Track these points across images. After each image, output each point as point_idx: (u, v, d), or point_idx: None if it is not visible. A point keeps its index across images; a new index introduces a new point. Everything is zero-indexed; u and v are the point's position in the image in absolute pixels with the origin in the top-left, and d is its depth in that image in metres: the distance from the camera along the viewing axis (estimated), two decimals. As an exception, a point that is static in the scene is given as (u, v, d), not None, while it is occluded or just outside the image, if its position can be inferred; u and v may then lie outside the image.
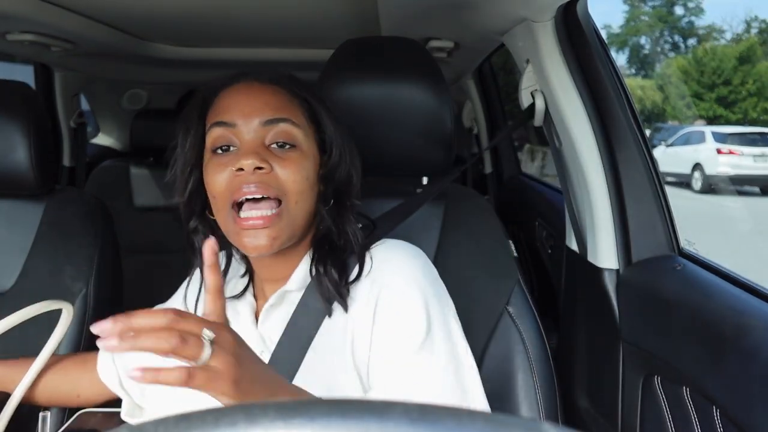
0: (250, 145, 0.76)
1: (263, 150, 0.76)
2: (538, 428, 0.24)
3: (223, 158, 0.77)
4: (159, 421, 0.25)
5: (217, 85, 0.83)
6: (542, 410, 1.04)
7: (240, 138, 0.77)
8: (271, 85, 0.81)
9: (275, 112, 0.78)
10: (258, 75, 0.82)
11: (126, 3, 1.60)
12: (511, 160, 2.78)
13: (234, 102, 0.78)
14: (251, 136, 0.76)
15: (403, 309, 0.77)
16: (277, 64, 2.42)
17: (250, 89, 0.80)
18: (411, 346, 0.75)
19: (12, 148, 1.21)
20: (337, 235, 0.82)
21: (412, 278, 0.79)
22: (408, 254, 0.83)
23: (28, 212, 1.29)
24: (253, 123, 0.77)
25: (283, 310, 0.82)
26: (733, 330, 0.84)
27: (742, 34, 24.75)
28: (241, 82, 0.81)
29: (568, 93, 1.17)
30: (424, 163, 1.10)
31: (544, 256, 1.97)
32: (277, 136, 0.77)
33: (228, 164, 0.76)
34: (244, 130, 0.77)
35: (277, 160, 0.76)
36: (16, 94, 1.25)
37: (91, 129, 3.21)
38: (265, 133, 0.77)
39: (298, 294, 0.82)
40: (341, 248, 0.82)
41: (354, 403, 0.25)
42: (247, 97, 0.79)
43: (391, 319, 0.77)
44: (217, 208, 0.78)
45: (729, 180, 9.76)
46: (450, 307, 0.83)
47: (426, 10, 1.46)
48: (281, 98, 0.80)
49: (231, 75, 0.83)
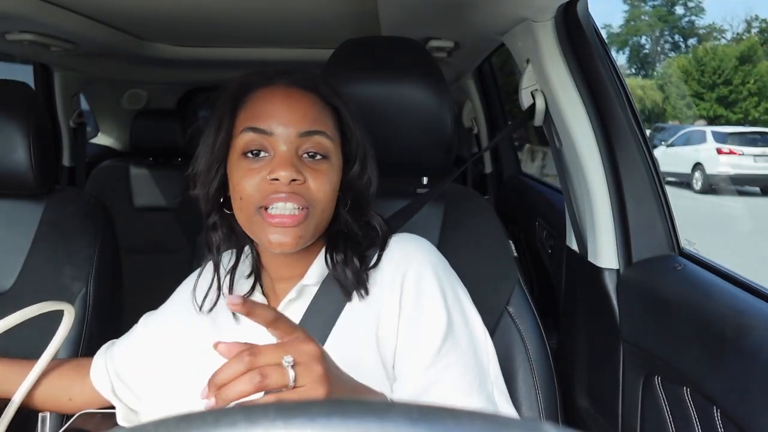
0: (285, 156, 0.76)
1: (298, 161, 0.77)
2: (538, 428, 0.24)
3: (255, 163, 0.77)
4: (159, 421, 0.25)
5: (251, 82, 0.82)
6: (542, 410, 1.04)
7: (274, 146, 0.77)
8: (308, 92, 0.80)
9: (312, 123, 0.78)
10: (294, 78, 0.81)
11: (126, 3, 1.60)
12: (512, 160, 2.78)
13: (271, 108, 0.78)
14: (287, 146, 0.77)
15: (427, 302, 0.80)
16: (277, 64, 2.41)
17: (289, 96, 0.79)
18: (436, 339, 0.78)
19: (12, 148, 1.21)
20: (358, 230, 0.85)
21: (432, 269, 0.82)
22: (425, 245, 0.86)
23: (28, 212, 1.29)
24: (290, 133, 0.77)
25: (299, 304, 0.84)
26: (734, 330, 0.84)
27: (743, 34, 24.76)
28: (277, 84, 0.80)
29: (568, 93, 1.17)
30: (424, 163, 1.10)
31: (544, 256, 1.97)
32: (311, 147, 0.78)
33: (261, 171, 0.76)
34: (281, 139, 0.77)
35: (309, 171, 0.77)
36: (15, 94, 1.25)
37: (91, 129, 3.21)
38: (300, 143, 0.77)
39: (314, 288, 0.84)
40: (359, 241, 0.84)
41: (354, 403, 0.25)
42: (286, 106, 0.78)
43: (416, 311, 0.80)
44: (240, 206, 0.79)
45: (729, 180, 9.76)
46: (463, 289, 0.86)
47: (426, 9, 1.46)
48: (317, 108, 0.80)
49: (266, 73, 0.82)
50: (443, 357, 0.78)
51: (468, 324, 0.83)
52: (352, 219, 0.85)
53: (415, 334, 0.79)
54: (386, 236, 0.85)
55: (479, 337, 0.84)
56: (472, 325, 0.83)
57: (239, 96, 0.81)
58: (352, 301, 0.82)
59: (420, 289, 0.80)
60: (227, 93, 0.82)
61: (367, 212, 0.86)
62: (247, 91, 0.81)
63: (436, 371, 0.78)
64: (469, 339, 0.82)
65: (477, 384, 0.79)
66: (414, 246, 0.85)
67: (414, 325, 0.79)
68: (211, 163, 0.81)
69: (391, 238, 0.86)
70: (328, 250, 0.85)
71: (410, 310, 0.80)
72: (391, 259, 0.83)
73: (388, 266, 0.83)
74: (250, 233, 0.81)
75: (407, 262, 0.82)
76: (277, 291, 0.87)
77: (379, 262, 0.83)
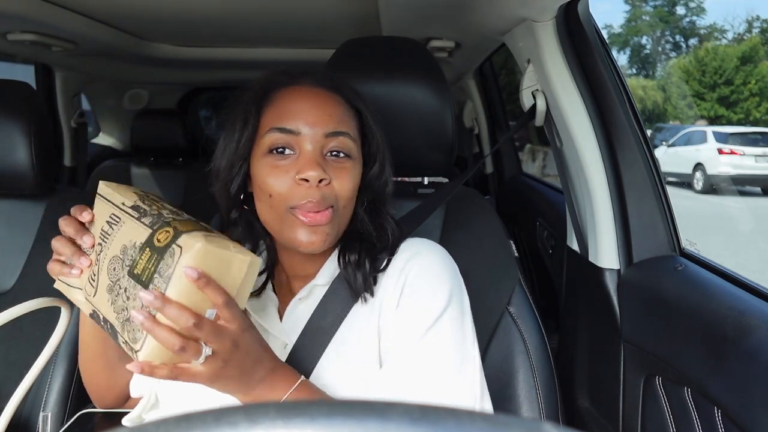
0: (312, 156, 0.77)
1: (323, 161, 0.78)
2: (539, 428, 0.24)
3: (281, 161, 0.78)
4: (160, 421, 0.25)
5: (276, 80, 0.83)
6: (543, 410, 1.04)
7: (300, 146, 0.78)
8: (333, 93, 0.82)
9: (338, 124, 0.79)
10: (320, 78, 0.82)
11: (127, 3, 1.60)
12: (512, 161, 2.78)
13: (298, 108, 0.79)
14: (313, 146, 0.78)
15: (423, 296, 0.81)
16: (277, 64, 2.42)
17: (316, 96, 0.80)
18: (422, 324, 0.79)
19: (13, 148, 1.21)
20: (374, 232, 0.86)
21: (439, 272, 0.83)
22: (436, 250, 0.87)
23: (29, 212, 1.29)
24: (316, 133, 0.78)
25: (308, 303, 0.85)
26: (735, 330, 0.84)
27: (744, 34, 24.75)
28: (303, 84, 0.81)
29: (569, 93, 1.17)
30: (425, 163, 1.10)
31: (545, 256, 1.97)
32: (336, 147, 0.79)
33: (287, 169, 0.78)
34: (307, 139, 0.78)
35: (333, 171, 0.79)
36: (17, 94, 1.25)
37: (92, 129, 3.22)
38: (325, 143, 0.79)
39: (324, 288, 0.85)
40: (373, 243, 0.86)
41: (355, 403, 0.25)
42: (313, 106, 0.79)
43: (409, 303, 0.81)
44: (270, 204, 0.79)
45: (730, 180, 9.75)
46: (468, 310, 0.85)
47: (427, 10, 1.46)
48: (342, 109, 0.81)
49: (291, 72, 0.83)
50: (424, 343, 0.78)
51: (462, 329, 0.82)
52: (368, 219, 0.87)
53: (403, 318, 0.80)
54: (397, 241, 0.87)
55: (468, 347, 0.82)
56: (465, 333, 0.82)
57: (265, 94, 0.82)
58: (358, 302, 0.84)
59: (419, 281, 0.82)
60: (252, 91, 0.83)
61: (382, 213, 0.88)
62: (272, 90, 0.82)
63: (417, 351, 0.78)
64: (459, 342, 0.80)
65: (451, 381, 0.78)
66: (424, 249, 0.86)
67: (404, 310, 0.81)
68: (235, 160, 0.81)
69: (403, 243, 0.88)
70: (343, 250, 0.86)
71: (406, 296, 0.81)
72: (396, 264, 0.84)
73: (394, 271, 0.84)
74: (277, 231, 0.82)
75: (412, 263, 0.83)
76: (293, 287, 0.89)
77: (388, 266, 0.85)
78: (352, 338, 0.82)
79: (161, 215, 0.70)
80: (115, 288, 0.69)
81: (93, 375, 0.89)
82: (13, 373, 1.01)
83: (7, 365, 1.17)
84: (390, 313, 0.82)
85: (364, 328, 0.83)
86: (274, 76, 0.84)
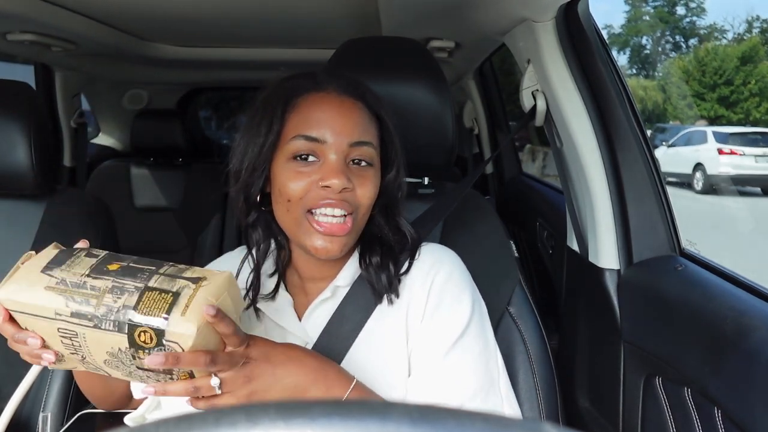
0: (336, 165, 0.78)
1: (347, 169, 0.79)
2: (539, 428, 0.24)
3: (304, 167, 0.79)
4: (160, 422, 0.25)
5: (301, 84, 0.82)
6: (543, 410, 1.04)
7: (324, 153, 0.79)
8: (357, 101, 0.82)
9: (362, 134, 0.80)
10: (345, 84, 0.83)
11: (127, 3, 1.60)
12: (512, 161, 2.78)
13: (324, 116, 0.79)
14: (337, 155, 0.78)
15: (449, 302, 0.83)
16: (277, 64, 2.43)
17: (341, 104, 0.80)
18: (451, 337, 0.81)
19: (12, 148, 1.21)
20: (391, 234, 0.88)
21: (459, 276, 0.86)
22: (454, 257, 0.89)
23: (29, 212, 1.29)
24: (341, 143, 0.78)
25: (329, 304, 0.86)
26: (735, 330, 0.84)
27: (744, 34, 24.75)
28: (328, 90, 0.81)
29: (569, 93, 1.17)
30: (425, 163, 1.09)
31: (545, 256, 1.97)
32: (359, 156, 0.80)
33: (310, 175, 0.78)
34: (332, 148, 0.78)
35: (356, 179, 0.80)
36: (16, 94, 1.25)
37: (92, 129, 3.22)
38: (349, 152, 0.80)
39: (345, 289, 0.86)
40: (391, 245, 0.87)
41: (355, 403, 0.25)
42: (339, 114, 0.80)
43: (438, 309, 0.83)
44: (288, 208, 0.80)
45: (730, 180, 9.75)
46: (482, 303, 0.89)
47: (427, 10, 1.46)
48: (366, 118, 0.82)
49: (316, 77, 0.83)
50: (454, 355, 0.81)
51: (484, 334, 0.85)
52: (384, 222, 0.88)
53: (432, 330, 0.82)
54: (416, 243, 0.88)
55: (491, 350, 0.86)
56: (487, 338, 0.86)
57: (289, 99, 0.81)
58: (382, 303, 0.85)
59: (445, 291, 0.84)
60: (275, 95, 0.82)
61: (396, 215, 0.89)
62: (297, 94, 0.82)
63: (444, 368, 0.80)
64: (483, 348, 0.84)
65: (483, 393, 0.81)
66: (445, 256, 0.88)
67: (433, 321, 0.82)
68: (258, 164, 0.81)
69: (422, 246, 0.89)
70: (363, 253, 0.87)
71: (432, 308, 0.83)
72: (421, 267, 0.86)
73: (419, 273, 0.85)
74: (294, 235, 0.82)
75: (437, 268, 0.85)
76: (309, 289, 0.89)
77: (410, 268, 0.86)
78: (376, 339, 0.84)
79: (110, 309, 0.62)
80: (113, 362, 0.66)
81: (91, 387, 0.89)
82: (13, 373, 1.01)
83: (7, 365, 1.17)
84: (417, 320, 0.83)
85: (390, 328, 0.84)
86: (297, 80, 0.83)
